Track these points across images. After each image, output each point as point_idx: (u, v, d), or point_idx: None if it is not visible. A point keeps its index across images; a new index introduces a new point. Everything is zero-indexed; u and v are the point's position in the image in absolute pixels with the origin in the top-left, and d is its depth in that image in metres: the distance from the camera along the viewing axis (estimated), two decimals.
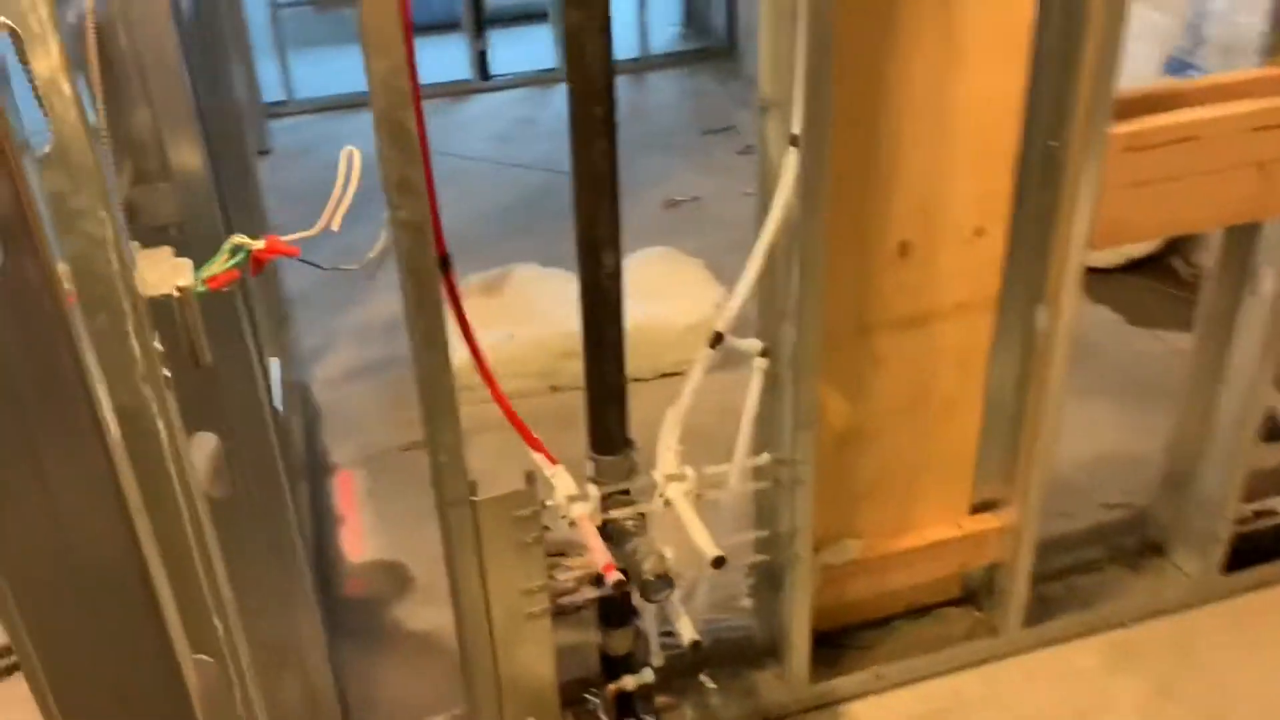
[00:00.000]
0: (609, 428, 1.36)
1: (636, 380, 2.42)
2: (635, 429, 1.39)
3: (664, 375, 2.32)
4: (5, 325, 0.55)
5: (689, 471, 1.36)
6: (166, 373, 0.84)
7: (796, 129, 1.22)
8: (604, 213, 1.23)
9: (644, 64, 4.51)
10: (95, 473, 0.60)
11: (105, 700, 0.68)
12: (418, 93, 1.08)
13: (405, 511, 2.04)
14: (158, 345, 0.83)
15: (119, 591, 0.64)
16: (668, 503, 1.35)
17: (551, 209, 3.38)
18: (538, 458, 1.35)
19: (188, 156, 1.03)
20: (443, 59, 4.34)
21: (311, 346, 2.60)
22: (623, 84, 4.79)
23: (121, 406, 0.81)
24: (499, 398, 1.30)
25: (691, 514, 1.32)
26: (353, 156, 0.88)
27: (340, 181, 0.89)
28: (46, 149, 0.72)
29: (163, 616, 0.66)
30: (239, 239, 0.89)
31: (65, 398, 0.57)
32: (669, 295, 2.49)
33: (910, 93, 1.32)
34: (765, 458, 1.44)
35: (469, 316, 1.23)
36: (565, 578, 1.36)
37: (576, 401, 1.39)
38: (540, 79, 4.38)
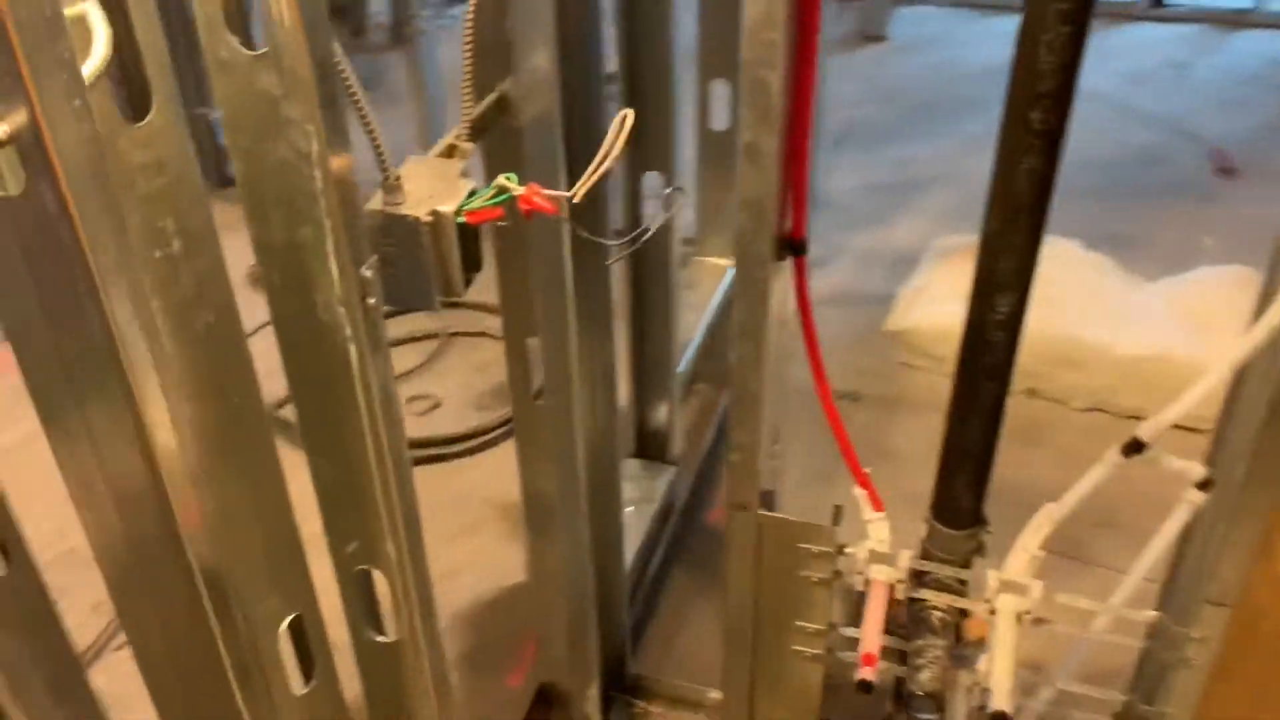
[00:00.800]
0: (957, 495, 1.10)
1: (1136, 418, 2.00)
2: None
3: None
4: (29, 251, 0.52)
5: (1036, 588, 1.06)
6: (370, 300, 0.80)
7: None
8: (1014, 248, 0.94)
9: None
10: (118, 408, 0.57)
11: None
12: (807, 51, 0.88)
13: (791, 459, 1.90)
14: (366, 272, 0.79)
15: (144, 512, 0.62)
16: (993, 612, 1.08)
17: (1150, 181, 2.85)
18: (860, 494, 1.14)
19: (539, 58, 0.95)
20: None
21: (813, 256, 2.49)
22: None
23: (317, 324, 0.79)
24: (830, 411, 1.10)
25: (1009, 639, 1.04)
26: (626, 119, 0.73)
27: (608, 143, 0.75)
28: (263, 49, 0.68)
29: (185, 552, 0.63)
30: (504, 180, 0.80)
31: (85, 333, 0.54)
32: (1222, 330, 1.98)
33: None
34: (1152, 615, 1.08)
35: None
36: (847, 634, 1.16)
37: (1050, 416, 1.07)
38: (1225, 19, 3.64)
